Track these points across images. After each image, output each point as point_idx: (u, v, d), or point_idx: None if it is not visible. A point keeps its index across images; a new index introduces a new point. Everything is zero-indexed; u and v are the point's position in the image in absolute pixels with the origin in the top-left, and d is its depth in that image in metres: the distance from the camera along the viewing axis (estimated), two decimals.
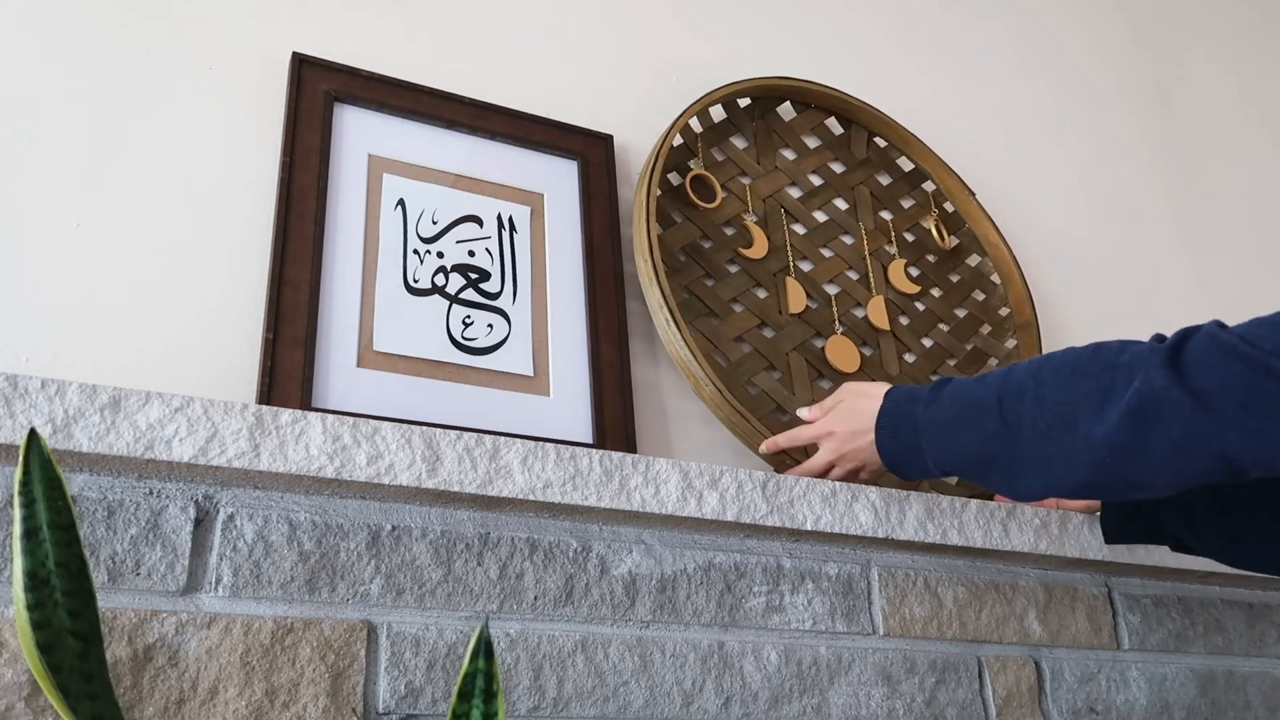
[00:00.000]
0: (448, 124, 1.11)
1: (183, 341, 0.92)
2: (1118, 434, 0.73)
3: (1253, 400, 0.67)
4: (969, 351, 1.33)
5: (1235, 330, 0.70)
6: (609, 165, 1.18)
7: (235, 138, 1.01)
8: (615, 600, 0.90)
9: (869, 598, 1.03)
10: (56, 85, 0.96)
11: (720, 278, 1.18)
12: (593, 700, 0.86)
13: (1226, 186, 1.82)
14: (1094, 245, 1.59)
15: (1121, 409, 0.73)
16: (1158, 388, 0.71)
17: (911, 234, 1.37)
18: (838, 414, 0.98)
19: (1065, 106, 1.69)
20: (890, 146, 1.40)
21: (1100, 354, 0.77)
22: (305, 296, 0.94)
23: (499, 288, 1.06)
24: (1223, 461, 0.70)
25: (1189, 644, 1.22)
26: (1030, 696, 1.08)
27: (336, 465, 0.76)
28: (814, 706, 0.96)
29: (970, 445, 0.84)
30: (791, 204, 1.28)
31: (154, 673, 0.72)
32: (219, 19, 1.05)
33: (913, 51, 1.55)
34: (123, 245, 0.93)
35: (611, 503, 0.85)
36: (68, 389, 0.69)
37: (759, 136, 1.30)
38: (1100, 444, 0.74)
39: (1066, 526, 1.08)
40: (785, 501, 0.93)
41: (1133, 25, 1.86)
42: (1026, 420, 0.79)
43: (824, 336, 1.22)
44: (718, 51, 1.36)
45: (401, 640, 0.81)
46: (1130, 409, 0.72)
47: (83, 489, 0.74)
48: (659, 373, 1.13)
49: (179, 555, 0.75)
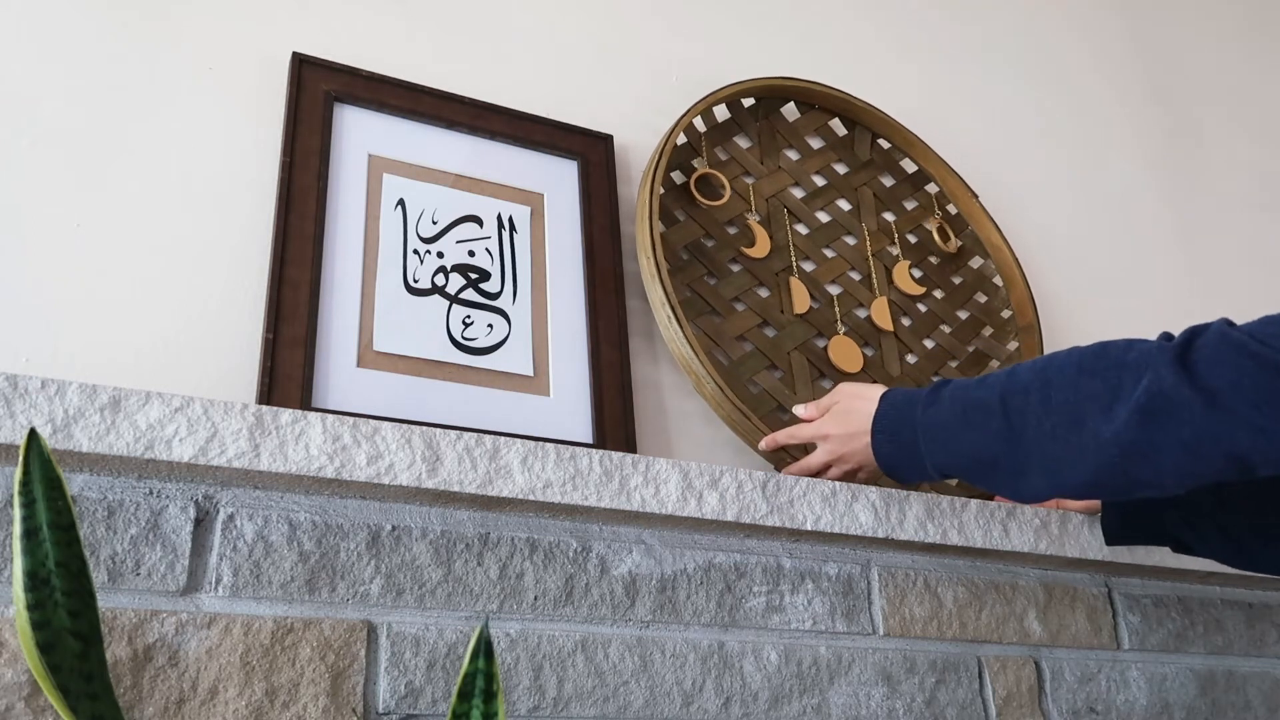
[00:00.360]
0: (448, 124, 1.11)
1: (183, 341, 0.92)
2: (1127, 432, 0.72)
3: (1264, 399, 0.67)
4: (971, 353, 1.33)
5: (1244, 328, 0.70)
6: (609, 165, 1.18)
7: (235, 138, 1.01)
8: (615, 600, 0.90)
9: (869, 598, 1.03)
10: (56, 85, 0.96)
11: (722, 276, 1.18)
12: (593, 700, 0.86)
13: (1228, 187, 1.82)
14: (1096, 247, 1.59)
15: (1131, 408, 0.72)
16: (1167, 386, 0.71)
17: (914, 235, 1.37)
18: (834, 416, 0.97)
19: (1067, 109, 1.69)
20: (893, 148, 1.40)
21: (1107, 353, 0.77)
22: (305, 296, 0.94)
23: (499, 288, 1.06)
24: (1232, 460, 0.70)
25: (1189, 644, 1.22)
26: (1030, 696, 1.08)
27: (336, 465, 0.76)
28: (814, 706, 0.96)
29: (972, 446, 0.83)
30: (794, 204, 1.28)
31: (154, 673, 0.72)
32: (219, 19, 1.05)
33: (916, 53, 1.55)
34: (123, 245, 0.93)
35: (611, 503, 0.85)
36: (68, 389, 0.69)
37: (763, 136, 1.30)
38: (1109, 443, 0.74)
39: (1066, 526, 1.08)
40: (785, 501, 0.93)
41: (1134, 27, 1.86)
42: (1031, 420, 0.79)
43: (826, 336, 1.22)
44: (718, 52, 1.36)
45: (401, 640, 0.81)
46: (1139, 407, 0.72)
47: (83, 489, 0.74)
48: (659, 371, 1.13)
49: (179, 555, 0.75)
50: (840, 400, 0.98)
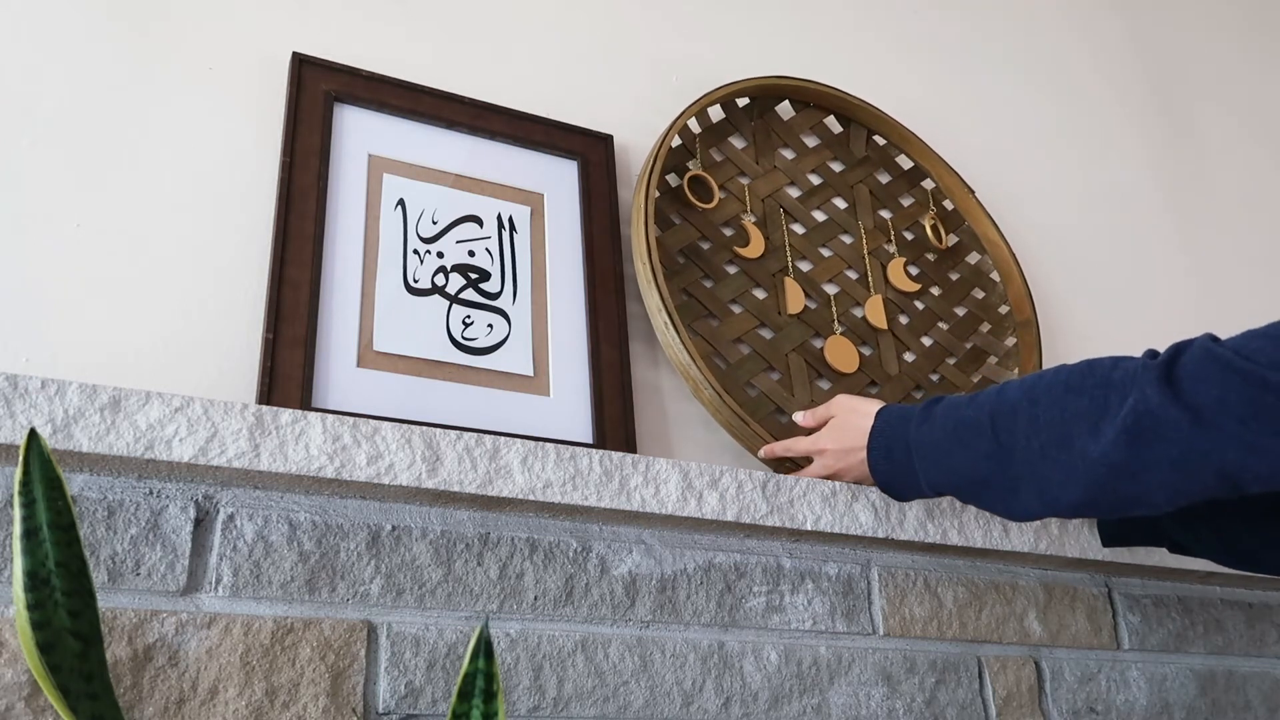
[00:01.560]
0: (448, 124, 1.11)
1: (183, 341, 0.92)
2: (1115, 452, 0.72)
3: (1251, 415, 0.66)
4: (968, 350, 1.33)
5: (1228, 343, 0.70)
6: (609, 165, 1.18)
7: (235, 138, 1.01)
8: (615, 600, 0.90)
9: (869, 598, 1.03)
10: (56, 85, 0.96)
11: (719, 279, 1.18)
12: (593, 700, 0.86)
13: (1226, 185, 1.82)
14: (1093, 242, 1.59)
15: (1117, 427, 0.72)
16: (1153, 405, 0.70)
17: (911, 232, 1.37)
18: (830, 431, 0.98)
19: (1064, 103, 1.69)
20: (889, 144, 1.40)
21: (1093, 371, 0.76)
22: (305, 296, 0.94)
23: (499, 288, 1.06)
24: (1222, 477, 0.69)
25: (1189, 644, 1.22)
26: (1030, 696, 1.08)
27: (336, 465, 0.76)
28: (814, 706, 0.96)
29: (964, 465, 0.83)
30: (790, 203, 1.28)
31: (154, 673, 0.72)
32: (219, 19, 1.05)
33: (911, 49, 1.55)
34: (123, 245, 0.93)
35: (611, 503, 0.85)
36: (68, 389, 0.69)
37: (758, 136, 1.30)
38: (1097, 462, 0.73)
39: (1066, 526, 1.08)
40: (785, 501, 0.93)
41: (1132, 24, 1.86)
42: (1020, 439, 0.79)
43: (823, 337, 1.22)
44: (718, 51, 1.36)
45: (401, 640, 0.81)
46: (1126, 427, 0.71)
47: (83, 489, 0.74)
48: (659, 374, 1.13)
49: (179, 555, 0.75)
50: (837, 414, 0.98)
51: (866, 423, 0.93)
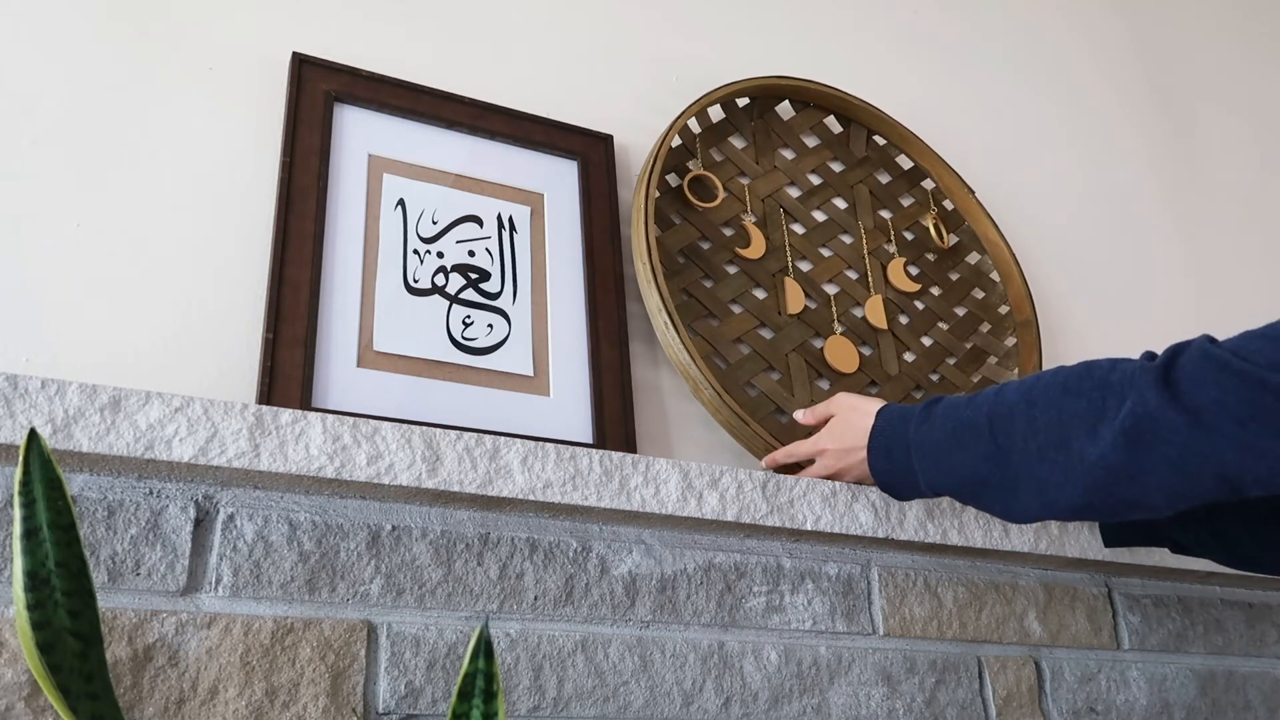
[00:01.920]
0: (448, 124, 1.11)
1: (183, 341, 0.92)
2: (1113, 454, 0.72)
3: (1250, 416, 0.66)
4: (968, 350, 1.33)
5: (1226, 345, 0.69)
6: (609, 165, 1.18)
7: (235, 138, 1.01)
8: (615, 600, 0.90)
9: (869, 598, 1.03)
10: (56, 85, 0.96)
11: (719, 279, 1.18)
12: (593, 700, 0.86)
13: (1226, 184, 1.82)
14: (1093, 242, 1.59)
15: (1115, 430, 0.71)
16: (1151, 407, 0.70)
17: (911, 232, 1.37)
18: (831, 430, 0.97)
19: (1064, 103, 1.69)
20: (889, 144, 1.40)
21: (1091, 373, 0.76)
22: (305, 296, 0.94)
23: (499, 288, 1.06)
24: (1221, 479, 0.69)
25: (1189, 644, 1.22)
26: (1030, 696, 1.08)
27: (336, 465, 0.76)
28: (814, 706, 0.96)
29: (963, 467, 0.83)
30: (790, 203, 1.28)
31: (154, 673, 0.72)
32: (219, 19, 1.05)
33: (911, 49, 1.55)
34: (122, 245, 0.93)
35: (611, 503, 0.85)
36: (68, 389, 0.69)
37: (758, 136, 1.30)
38: (1095, 464, 0.73)
39: (1066, 526, 1.08)
40: (785, 501, 0.93)
41: (1133, 24, 1.86)
42: (1018, 441, 0.78)
43: (823, 337, 1.22)
44: (718, 51, 1.36)
45: (401, 640, 0.81)
46: (1124, 430, 0.71)
47: (83, 489, 0.74)
48: (659, 375, 1.13)
49: (179, 555, 0.75)
50: (837, 413, 0.98)
51: (867, 422, 0.93)
